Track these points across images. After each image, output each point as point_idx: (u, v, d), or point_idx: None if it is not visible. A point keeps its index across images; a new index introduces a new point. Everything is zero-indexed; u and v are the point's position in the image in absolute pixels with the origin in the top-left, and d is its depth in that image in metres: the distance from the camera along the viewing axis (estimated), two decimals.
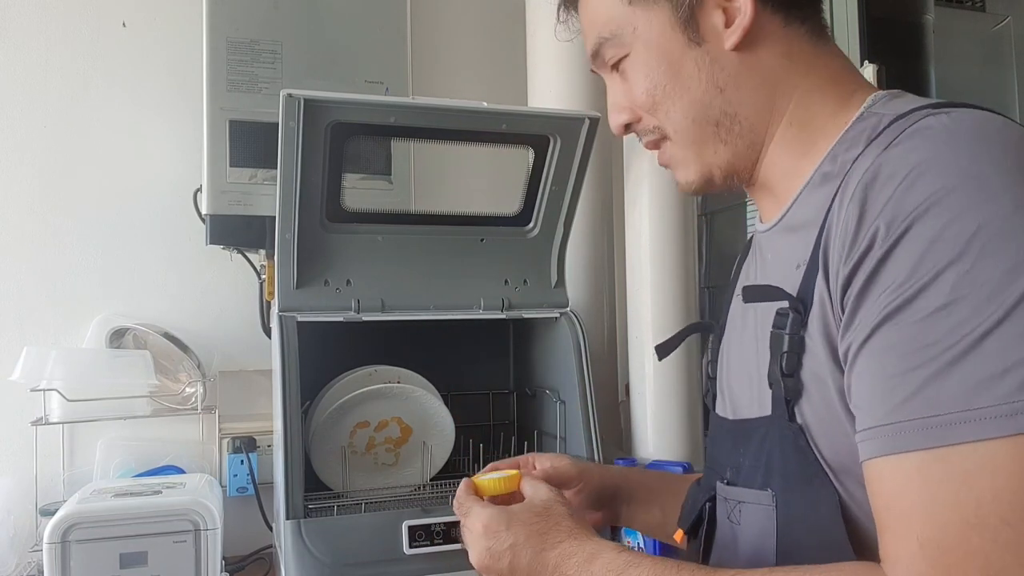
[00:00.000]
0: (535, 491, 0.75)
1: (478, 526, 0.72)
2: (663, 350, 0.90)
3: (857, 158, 0.59)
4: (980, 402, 0.47)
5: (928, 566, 0.48)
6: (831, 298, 0.58)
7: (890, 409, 0.50)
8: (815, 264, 0.60)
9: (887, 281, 0.52)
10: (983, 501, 0.46)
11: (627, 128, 0.74)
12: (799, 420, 0.61)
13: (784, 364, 0.61)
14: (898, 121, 0.58)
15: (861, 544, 0.57)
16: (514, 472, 0.82)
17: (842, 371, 0.57)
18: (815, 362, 0.60)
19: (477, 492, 0.80)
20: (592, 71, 0.77)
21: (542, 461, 0.91)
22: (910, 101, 0.63)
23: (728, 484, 0.70)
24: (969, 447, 0.47)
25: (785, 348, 0.61)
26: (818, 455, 0.60)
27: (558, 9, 0.78)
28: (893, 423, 0.50)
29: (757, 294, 0.70)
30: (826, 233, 0.59)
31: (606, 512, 0.93)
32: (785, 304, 0.62)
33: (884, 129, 0.59)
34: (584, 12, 0.75)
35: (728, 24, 0.66)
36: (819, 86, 0.68)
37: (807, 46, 0.68)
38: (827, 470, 0.59)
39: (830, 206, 0.59)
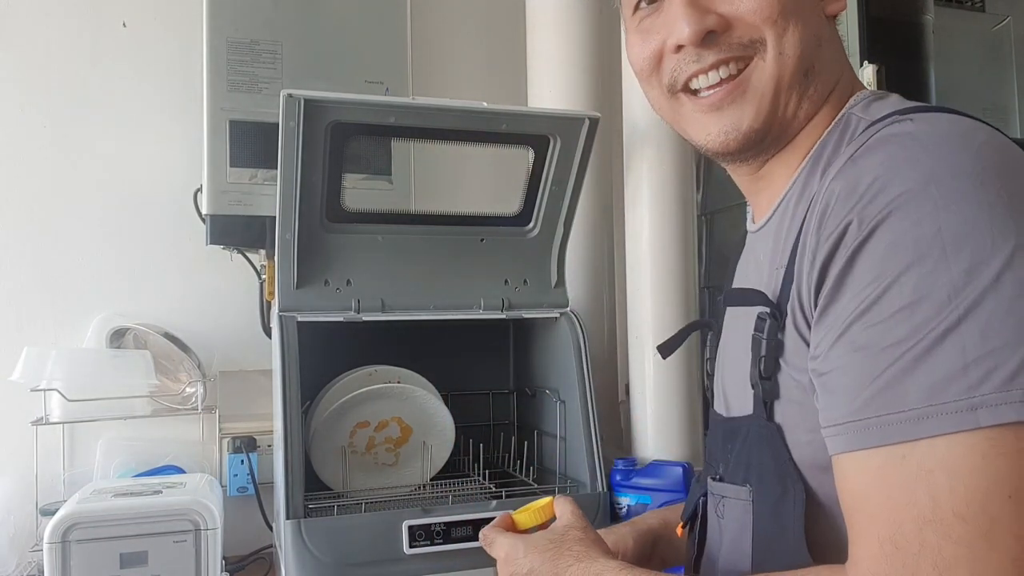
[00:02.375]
0: (560, 516, 0.80)
1: (500, 554, 0.78)
2: (666, 349, 0.91)
3: (832, 163, 0.60)
4: (940, 398, 0.47)
5: (885, 566, 0.49)
6: (802, 301, 0.59)
7: (856, 407, 0.51)
8: (792, 267, 0.61)
9: (854, 284, 0.52)
10: (939, 496, 0.47)
11: (704, 38, 0.65)
12: (778, 420, 0.63)
13: (762, 367, 0.63)
14: (871, 127, 0.59)
15: (838, 542, 0.57)
16: (546, 500, 0.84)
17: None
18: (792, 364, 0.61)
19: (515, 526, 0.83)
20: None
21: None
22: (888, 104, 0.63)
23: (718, 480, 0.71)
24: (926, 443, 0.48)
25: (763, 352, 0.63)
26: (792, 455, 0.61)
27: None
28: (858, 420, 0.51)
29: (736, 298, 0.72)
30: (802, 236, 0.60)
31: (655, 561, 0.91)
32: (765, 308, 0.63)
33: (858, 134, 0.60)
34: None
35: None
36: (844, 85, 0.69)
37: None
38: (800, 470, 0.61)
39: (807, 210, 0.60)
